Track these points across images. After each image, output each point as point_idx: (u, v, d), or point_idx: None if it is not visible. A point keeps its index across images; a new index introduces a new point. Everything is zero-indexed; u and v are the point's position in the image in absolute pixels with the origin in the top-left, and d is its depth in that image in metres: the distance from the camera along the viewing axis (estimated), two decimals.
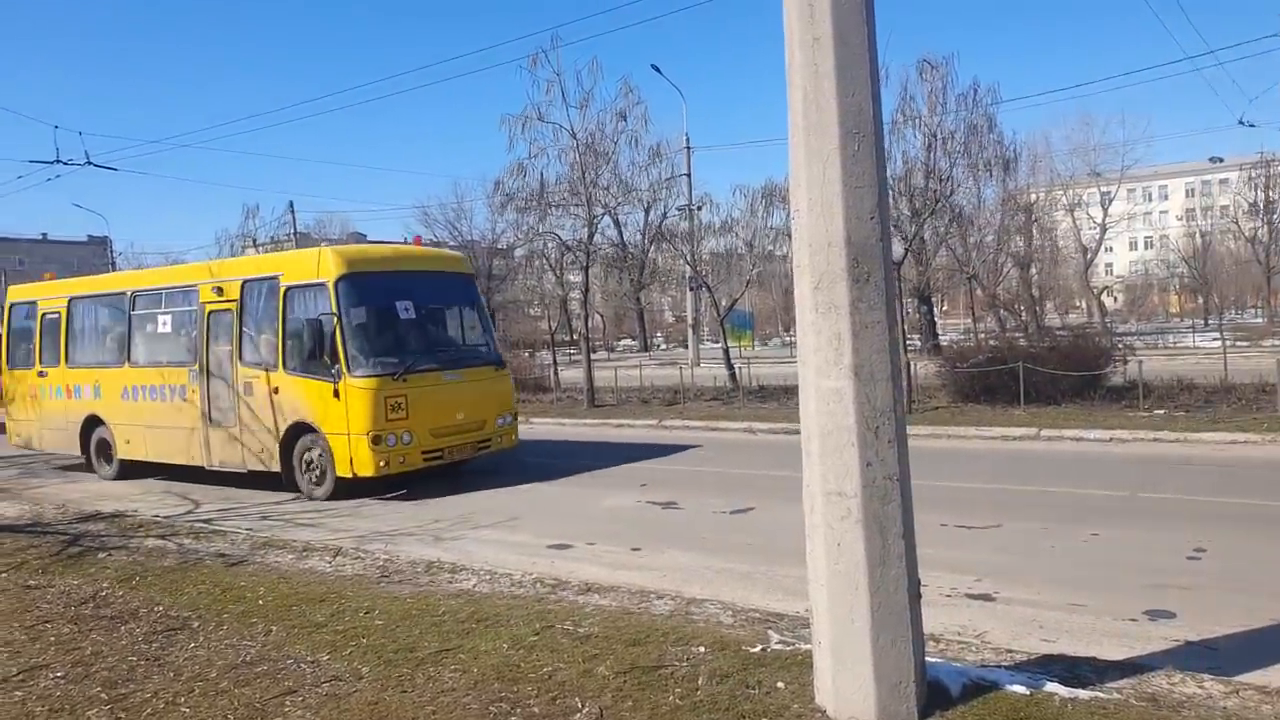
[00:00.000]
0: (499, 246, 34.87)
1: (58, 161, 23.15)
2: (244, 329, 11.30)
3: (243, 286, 11.38)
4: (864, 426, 3.77)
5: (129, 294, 13.04)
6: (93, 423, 13.36)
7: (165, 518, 9.77)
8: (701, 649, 4.65)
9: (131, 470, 13.03)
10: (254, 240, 38.45)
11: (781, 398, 18.60)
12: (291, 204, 43.29)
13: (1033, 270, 41.93)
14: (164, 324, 12.52)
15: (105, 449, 13.33)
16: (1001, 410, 14.61)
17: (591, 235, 18.48)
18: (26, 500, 11.47)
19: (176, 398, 12.03)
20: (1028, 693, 3.95)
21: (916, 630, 3.86)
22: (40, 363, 14.30)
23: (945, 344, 27.48)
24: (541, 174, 18.30)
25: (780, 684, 4.20)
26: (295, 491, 10.98)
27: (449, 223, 45.46)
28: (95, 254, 65.18)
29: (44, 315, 14.35)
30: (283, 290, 10.88)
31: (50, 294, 14.54)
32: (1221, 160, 78.58)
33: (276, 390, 10.86)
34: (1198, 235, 60.43)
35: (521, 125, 17.71)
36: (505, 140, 17.87)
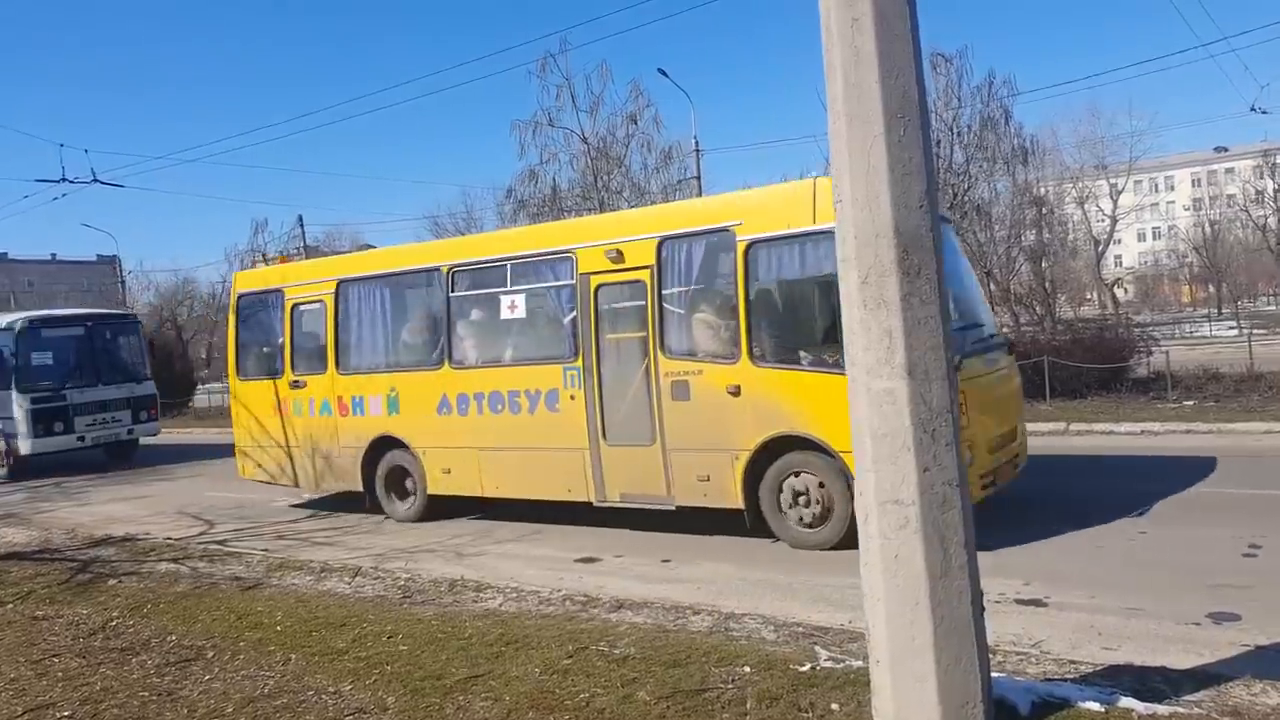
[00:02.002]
0: None
1: (64, 180, 23.01)
2: (665, 306, 8.04)
3: (660, 246, 8.10)
4: (920, 429, 3.52)
5: (443, 270, 9.55)
6: (383, 446, 9.93)
7: (178, 540, 9.55)
8: (747, 669, 4.40)
9: (440, 508, 9.69)
10: (264, 255, 38.33)
11: None
12: (300, 217, 43.00)
13: (1044, 264, 41.60)
14: (510, 307, 9.05)
15: (401, 481, 9.95)
16: (1027, 405, 14.25)
17: None
18: (35, 525, 11.27)
19: (538, 408, 8.64)
20: (1102, 710, 3.70)
21: (981, 646, 3.61)
22: (293, 369, 10.73)
23: None
24: (553, 179, 18.13)
25: (835, 705, 3.95)
26: (769, 536, 7.66)
27: (459, 231, 45.30)
28: (105, 274, 65.27)
29: (295, 307, 10.80)
30: (742, 247, 7.63)
31: (304, 278, 10.95)
32: (1227, 149, 78.27)
33: (737, 390, 7.63)
34: (1207, 225, 59.98)
35: (532, 131, 17.55)
36: (514, 147, 17.66)
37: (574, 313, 8.50)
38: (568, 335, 8.56)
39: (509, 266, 9.13)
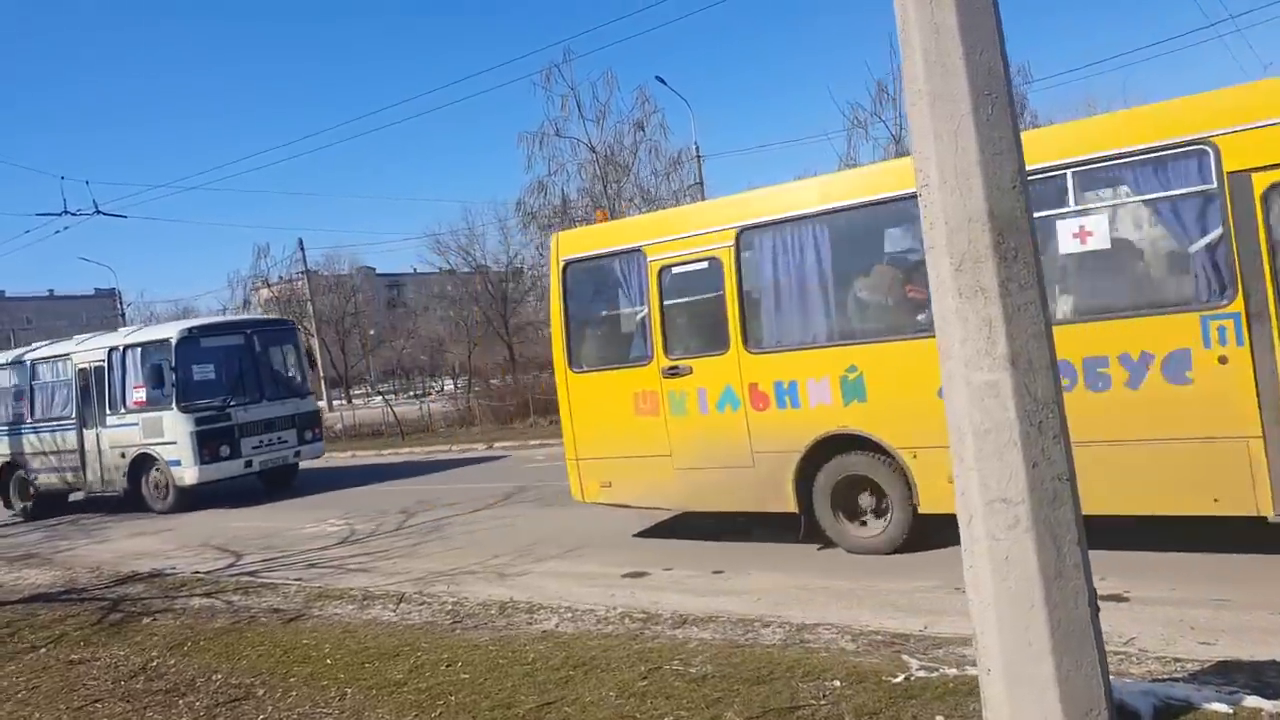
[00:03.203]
0: (515, 269, 34.56)
1: (65, 213, 22.91)
2: None
3: None
4: (1026, 422, 3.32)
5: None
6: (830, 448, 7.25)
7: (207, 573, 9.35)
8: (836, 683, 4.19)
9: (925, 531, 7.06)
10: (266, 281, 38.27)
11: None
12: (300, 241, 42.98)
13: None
14: (1078, 234, 6.23)
15: (856, 496, 7.32)
16: None
17: None
18: (58, 565, 11.04)
19: (1146, 378, 5.94)
20: (1230, 710, 3.49)
21: (1100, 649, 3.40)
22: (667, 352, 7.95)
23: None
24: (562, 190, 18.00)
25: (940, 718, 3.73)
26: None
27: (461, 249, 45.19)
28: (104, 306, 65.15)
29: (666, 270, 8.03)
30: None
31: (675, 230, 8.13)
32: None
33: None
34: None
35: (539, 142, 17.43)
36: (516, 160, 17.59)
37: (1219, 233, 5.72)
38: (1210, 267, 5.80)
39: (1072, 176, 6.25)
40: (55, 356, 16.48)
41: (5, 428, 17.07)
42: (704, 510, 8.35)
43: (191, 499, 14.71)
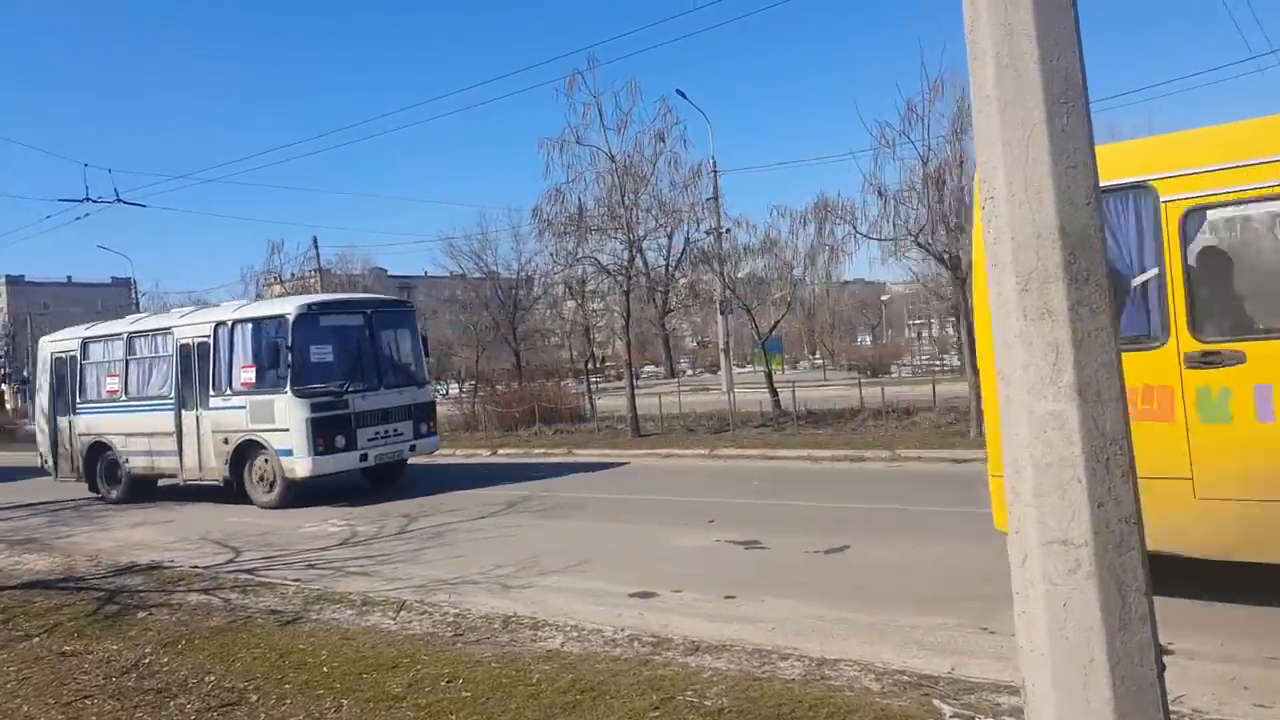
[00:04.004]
0: (526, 275, 34.39)
1: (87, 199, 22.90)
2: None
3: None
4: (1092, 458, 3.06)
5: None
6: None
7: (206, 568, 9.11)
8: None
9: None
10: (279, 277, 38.22)
11: (833, 423, 17.87)
12: (315, 239, 42.92)
13: None
14: None
15: None
16: None
17: (632, 259, 17.94)
18: (58, 551, 10.84)
19: None
20: None
21: (1166, 712, 3.12)
22: (1194, 331, 5.53)
23: None
24: (579, 198, 17.81)
25: None
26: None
27: (474, 253, 45.05)
28: (120, 295, 65.38)
29: (1194, 213, 5.58)
30: None
31: (1215, 159, 5.50)
32: None
33: None
34: None
35: (559, 149, 17.25)
36: (531, 167, 17.53)
37: None
38: None
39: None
40: (154, 330, 15.28)
41: (96, 405, 15.87)
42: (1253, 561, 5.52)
43: (299, 493, 13.34)
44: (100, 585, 8.45)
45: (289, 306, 13.57)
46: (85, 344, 16.22)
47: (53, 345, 17.06)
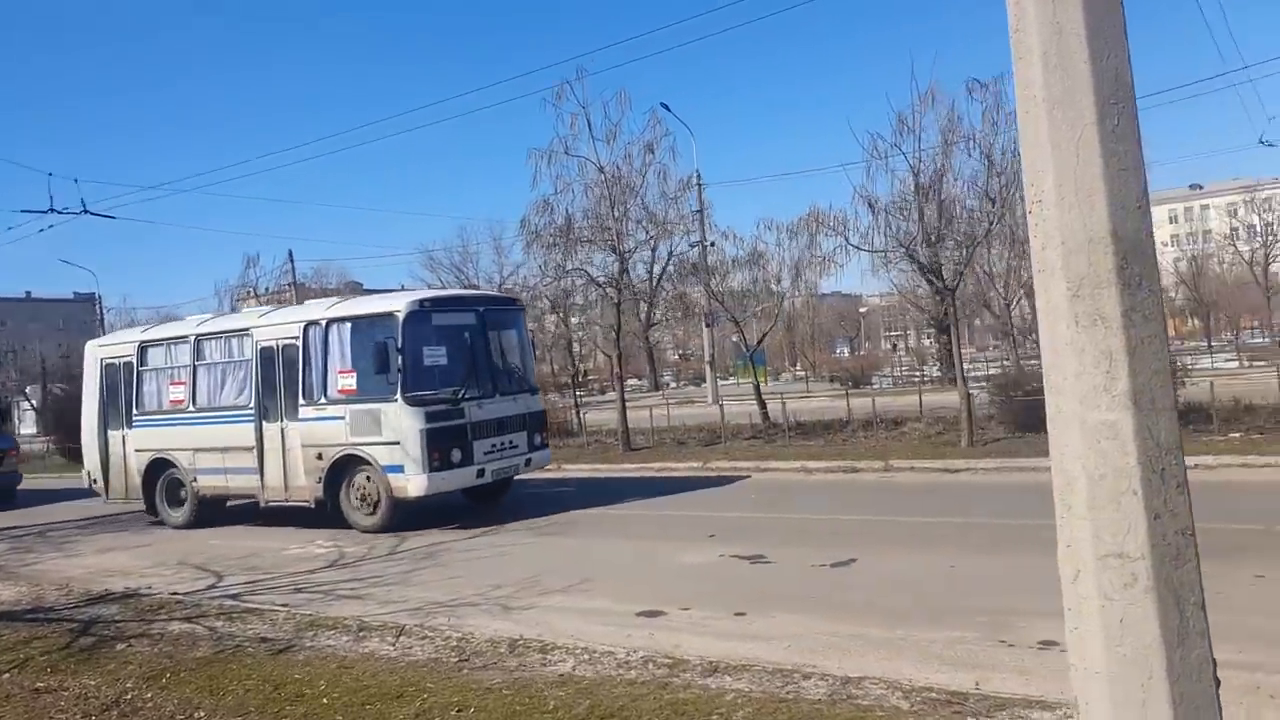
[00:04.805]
0: (507, 289, 34.23)
1: (52, 210, 22.27)
2: None
3: None
4: (1148, 469, 2.96)
5: None
6: None
7: (187, 595, 8.83)
8: None
9: None
10: (254, 290, 37.73)
11: (823, 434, 17.81)
12: (291, 253, 42.64)
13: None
14: None
15: None
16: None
17: (623, 271, 17.82)
18: (23, 580, 10.40)
19: None
20: None
21: None
22: None
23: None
24: (567, 210, 17.70)
25: None
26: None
27: (454, 266, 44.83)
28: (84, 310, 64.19)
29: None
30: None
31: None
32: (1201, 187, 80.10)
33: None
34: (1190, 259, 60.74)
35: (547, 160, 17.14)
36: (518, 180, 17.52)
37: None
38: None
39: None
40: (228, 332, 13.55)
41: (156, 417, 13.98)
42: None
43: (406, 516, 11.70)
44: (73, 616, 8.13)
45: (399, 303, 11.92)
46: (143, 348, 14.41)
47: (103, 350, 15.12)
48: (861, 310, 75.06)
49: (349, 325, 12.09)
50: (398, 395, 11.26)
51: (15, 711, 5.65)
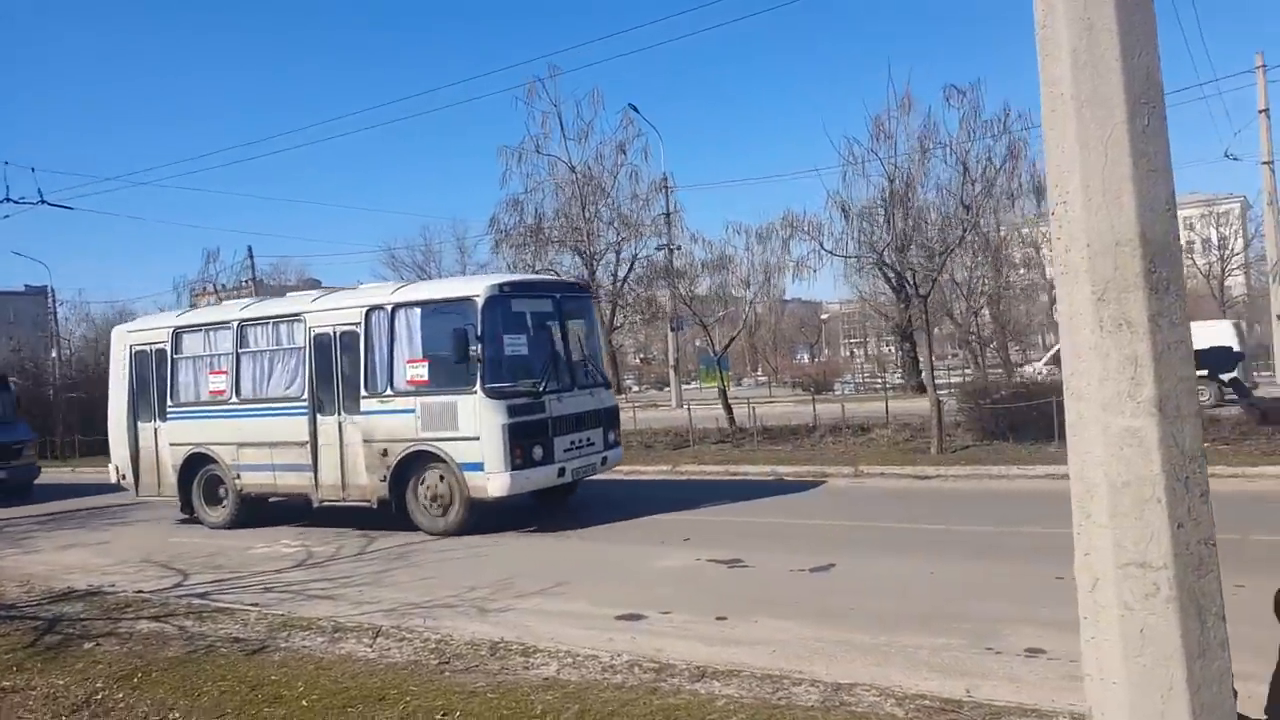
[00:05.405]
0: None
1: (8, 200, 21.57)
2: None
3: None
4: (1172, 477, 2.92)
5: None
6: None
7: (152, 593, 8.55)
8: None
9: None
10: (214, 286, 37.00)
11: (790, 439, 17.82)
12: (250, 249, 41.76)
13: (1000, 305, 42.09)
14: None
15: None
16: (1035, 447, 13.93)
17: (594, 272, 17.70)
18: None
19: None
20: None
21: None
22: None
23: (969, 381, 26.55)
24: (537, 209, 17.55)
25: None
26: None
27: (416, 265, 44.40)
28: (36, 304, 62.50)
29: None
30: None
31: None
32: None
33: None
34: None
35: (518, 158, 17.00)
36: (481, 179, 17.42)
37: None
38: None
39: None
40: (278, 318, 12.44)
41: (194, 409, 12.97)
42: None
43: (482, 517, 10.85)
44: (36, 613, 7.83)
45: (477, 286, 10.97)
46: (178, 335, 13.32)
47: (132, 336, 13.94)
48: (823, 317, 75.64)
49: (419, 310, 11.21)
50: (477, 387, 10.41)
51: None
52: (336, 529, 11.79)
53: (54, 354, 37.31)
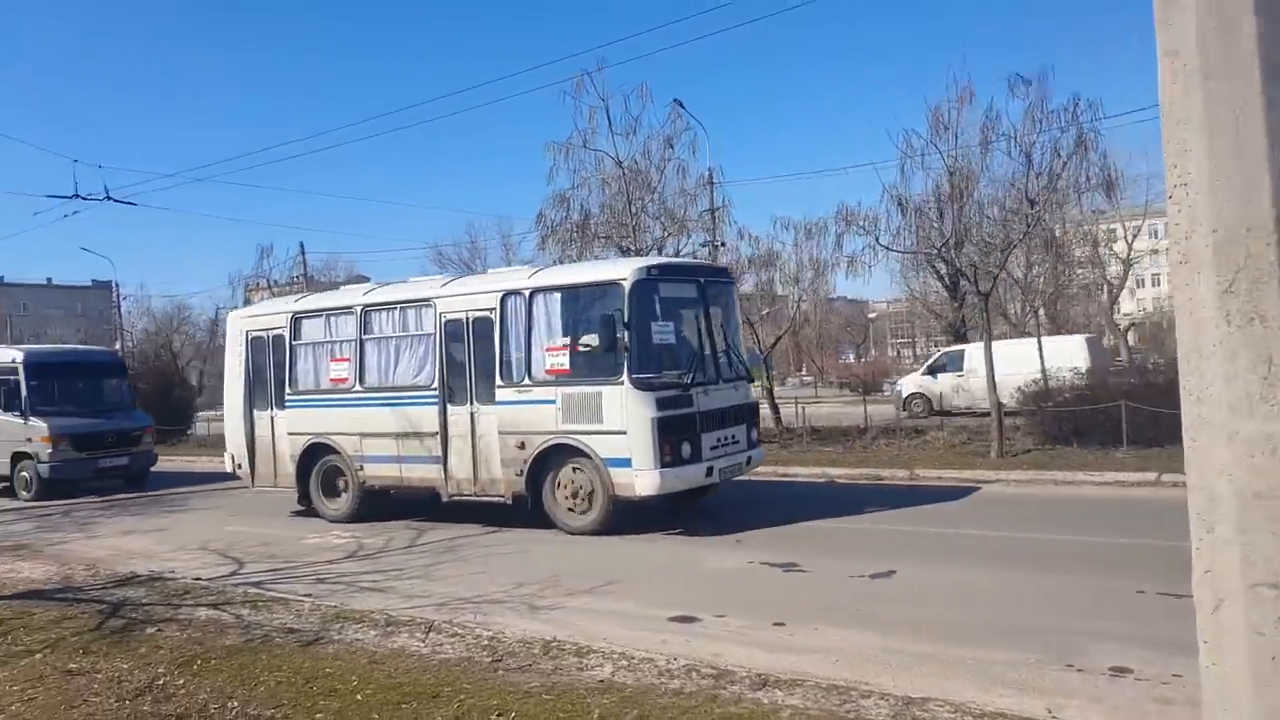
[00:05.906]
0: None
1: (76, 196, 22.16)
2: None
3: None
4: None
5: None
6: None
7: (210, 581, 8.59)
8: None
9: None
10: (268, 281, 37.54)
11: (841, 440, 17.50)
12: (302, 245, 42.45)
13: (1058, 305, 41.03)
14: None
15: None
16: (1101, 453, 13.45)
17: None
18: (50, 559, 10.27)
19: None
20: None
21: None
22: None
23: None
24: (583, 205, 17.39)
25: None
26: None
27: (462, 262, 44.65)
28: (101, 299, 64.32)
29: None
30: None
31: None
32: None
33: None
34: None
35: (565, 153, 16.84)
36: (527, 175, 17.14)
37: None
38: None
39: None
40: (405, 303, 11.87)
41: (314, 397, 12.43)
42: None
43: (625, 516, 10.16)
44: (101, 597, 7.93)
45: (624, 270, 10.21)
46: (297, 320, 12.77)
47: (248, 322, 13.50)
48: (870, 315, 74.48)
49: (559, 295, 10.52)
50: (624, 377, 9.74)
51: (49, 692, 5.43)
52: (385, 522, 11.76)
53: (118, 346, 38.28)
